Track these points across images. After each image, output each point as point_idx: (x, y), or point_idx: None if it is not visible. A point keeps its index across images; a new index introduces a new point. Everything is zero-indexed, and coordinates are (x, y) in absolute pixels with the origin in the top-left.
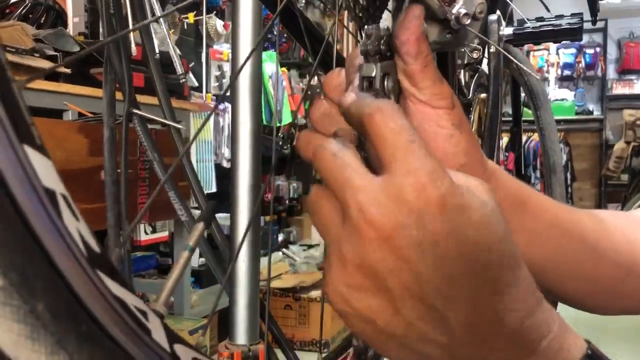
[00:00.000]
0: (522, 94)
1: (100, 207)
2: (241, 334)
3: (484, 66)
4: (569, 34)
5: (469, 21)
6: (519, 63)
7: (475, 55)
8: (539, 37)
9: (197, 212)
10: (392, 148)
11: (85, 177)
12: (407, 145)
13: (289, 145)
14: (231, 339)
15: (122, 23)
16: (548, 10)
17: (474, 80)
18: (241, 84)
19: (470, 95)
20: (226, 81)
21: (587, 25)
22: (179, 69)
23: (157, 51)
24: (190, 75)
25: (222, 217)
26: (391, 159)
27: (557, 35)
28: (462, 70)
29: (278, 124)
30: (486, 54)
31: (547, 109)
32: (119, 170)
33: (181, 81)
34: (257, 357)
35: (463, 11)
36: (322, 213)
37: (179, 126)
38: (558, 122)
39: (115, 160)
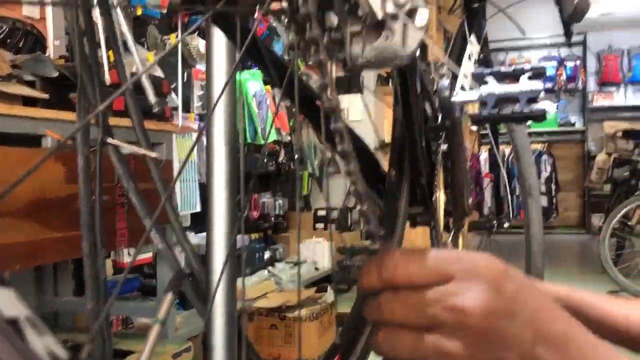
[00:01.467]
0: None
1: (78, 235)
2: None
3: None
4: (531, 119)
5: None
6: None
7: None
8: (498, 121)
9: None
10: (432, 277)
11: (63, 205)
12: (439, 265)
13: (274, 162)
14: None
15: (95, 51)
16: (523, 34)
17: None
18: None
19: (440, 121)
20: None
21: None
22: (152, 99)
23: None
24: (173, 95)
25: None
26: (440, 280)
27: (517, 119)
28: (433, 95)
29: (263, 142)
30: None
31: (521, 131)
32: (94, 198)
33: (154, 111)
34: None
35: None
36: (406, 339)
37: (154, 154)
38: (541, 134)
39: (90, 189)
